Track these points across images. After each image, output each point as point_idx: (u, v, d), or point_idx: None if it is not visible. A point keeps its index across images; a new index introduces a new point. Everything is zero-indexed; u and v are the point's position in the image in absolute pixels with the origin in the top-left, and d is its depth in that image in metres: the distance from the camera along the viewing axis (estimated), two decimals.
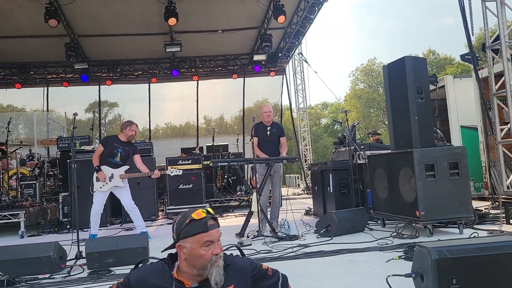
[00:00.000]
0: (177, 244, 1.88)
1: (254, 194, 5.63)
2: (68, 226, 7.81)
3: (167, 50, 11.41)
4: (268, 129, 6.37)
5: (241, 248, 2.40)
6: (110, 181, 5.97)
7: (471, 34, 5.92)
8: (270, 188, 6.33)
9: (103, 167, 5.95)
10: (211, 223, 1.88)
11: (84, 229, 6.79)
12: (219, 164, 7.39)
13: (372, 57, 53.94)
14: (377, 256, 4.11)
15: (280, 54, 13.58)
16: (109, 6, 10.20)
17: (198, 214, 1.87)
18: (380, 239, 4.91)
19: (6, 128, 8.07)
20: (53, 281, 3.92)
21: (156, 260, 2.01)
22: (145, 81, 14.23)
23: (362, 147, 7.01)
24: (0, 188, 7.90)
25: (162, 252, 2.07)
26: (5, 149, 8.24)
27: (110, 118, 19.68)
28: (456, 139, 9.35)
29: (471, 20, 5.92)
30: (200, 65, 14.05)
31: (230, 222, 7.86)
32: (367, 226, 5.77)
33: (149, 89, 14.38)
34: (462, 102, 9.46)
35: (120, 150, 5.99)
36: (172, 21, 9.56)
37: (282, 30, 12.47)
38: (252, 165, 6.38)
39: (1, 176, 8.05)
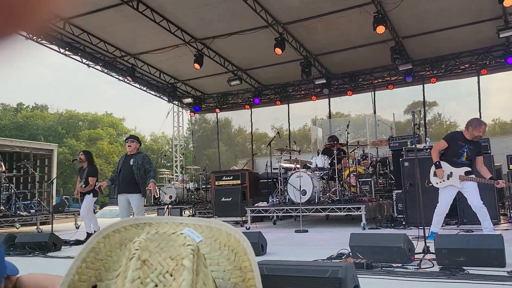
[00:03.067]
0: None
1: None
2: (404, 223, 8.04)
3: (501, 35, 10.20)
4: None
5: None
6: (448, 179, 5.78)
7: None
8: None
9: (443, 164, 5.80)
10: None
11: (420, 227, 6.81)
12: None
13: None
14: None
15: None
16: (433, 2, 10.00)
17: None
18: None
19: (346, 130, 9.07)
20: (406, 270, 4.07)
21: None
22: (473, 74, 13.19)
23: None
24: (343, 183, 8.93)
25: None
26: (346, 149, 9.27)
27: (429, 118, 19.36)
28: None
29: None
30: None
31: None
32: None
33: (478, 82, 13.26)
34: None
35: (466, 150, 5.70)
36: (508, 1, 8.48)
37: None
38: None
39: (343, 173, 9.09)
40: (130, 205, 6.81)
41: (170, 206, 12.39)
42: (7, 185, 11.10)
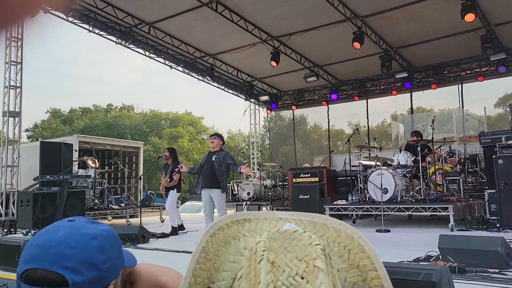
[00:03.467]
0: None
1: None
2: (497, 225, 7.44)
3: None
4: None
5: None
6: None
7: None
8: None
9: None
10: None
11: None
12: None
13: None
14: None
15: None
16: None
17: None
18: None
19: (431, 125, 8.58)
20: (504, 277, 3.76)
21: None
22: None
23: None
24: (428, 182, 8.46)
25: None
26: (431, 146, 8.79)
27: None
28: None
29: None
30: None
31: None
32: None
33: None
34: None
35: None
36: None
37: None
38: None
39: (428, 171, 8.62)
40: (213, 201, 7.02)
41: (248, 202, 12.60)
42: (100, 180, 11.98)
